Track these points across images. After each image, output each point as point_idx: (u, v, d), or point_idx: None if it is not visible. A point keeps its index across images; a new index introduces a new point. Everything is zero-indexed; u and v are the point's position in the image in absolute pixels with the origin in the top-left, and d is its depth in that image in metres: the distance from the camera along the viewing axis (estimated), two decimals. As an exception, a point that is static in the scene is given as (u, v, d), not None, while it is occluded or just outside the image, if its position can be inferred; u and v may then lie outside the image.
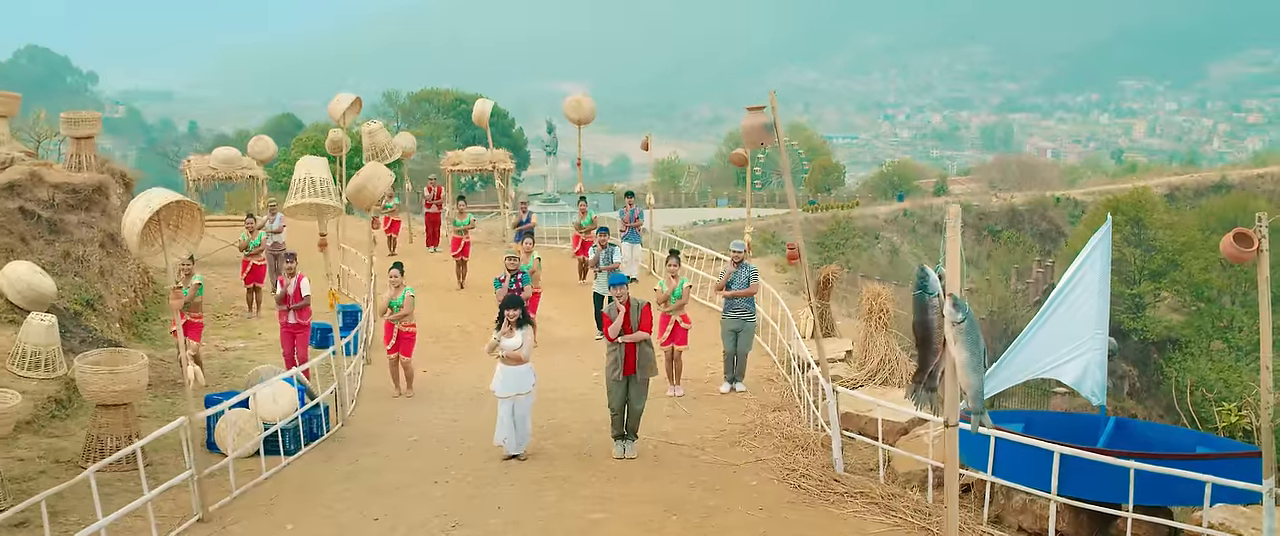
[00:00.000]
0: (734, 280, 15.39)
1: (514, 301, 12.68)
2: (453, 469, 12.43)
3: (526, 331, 12.53)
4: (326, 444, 13.57)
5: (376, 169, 17.44)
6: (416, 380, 16.17)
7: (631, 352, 12.45)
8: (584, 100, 27.13)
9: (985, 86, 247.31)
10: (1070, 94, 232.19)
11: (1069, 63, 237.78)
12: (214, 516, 11.01)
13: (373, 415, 14.91)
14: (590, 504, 11.23)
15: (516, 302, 12.66)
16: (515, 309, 12.53)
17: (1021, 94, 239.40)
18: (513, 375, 12.50)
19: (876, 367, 14.77)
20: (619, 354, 12.46)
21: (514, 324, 12.46)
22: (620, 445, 12.72)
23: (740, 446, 13.14)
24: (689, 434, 13.66)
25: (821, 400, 12.94)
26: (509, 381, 12.47)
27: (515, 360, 12.44)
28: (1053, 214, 68.66)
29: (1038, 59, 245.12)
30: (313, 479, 12.24)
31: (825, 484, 11.68)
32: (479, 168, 32.82)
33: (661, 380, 15.28)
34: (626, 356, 12.44)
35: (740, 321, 15.45)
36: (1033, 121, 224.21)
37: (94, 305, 17.23)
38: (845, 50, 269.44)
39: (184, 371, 12.06)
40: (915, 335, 6.97)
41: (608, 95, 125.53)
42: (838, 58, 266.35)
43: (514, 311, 12.49)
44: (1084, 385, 10.93)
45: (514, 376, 12.49)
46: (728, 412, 14.56)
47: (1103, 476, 9.66)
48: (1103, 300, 10.80)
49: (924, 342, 6.86)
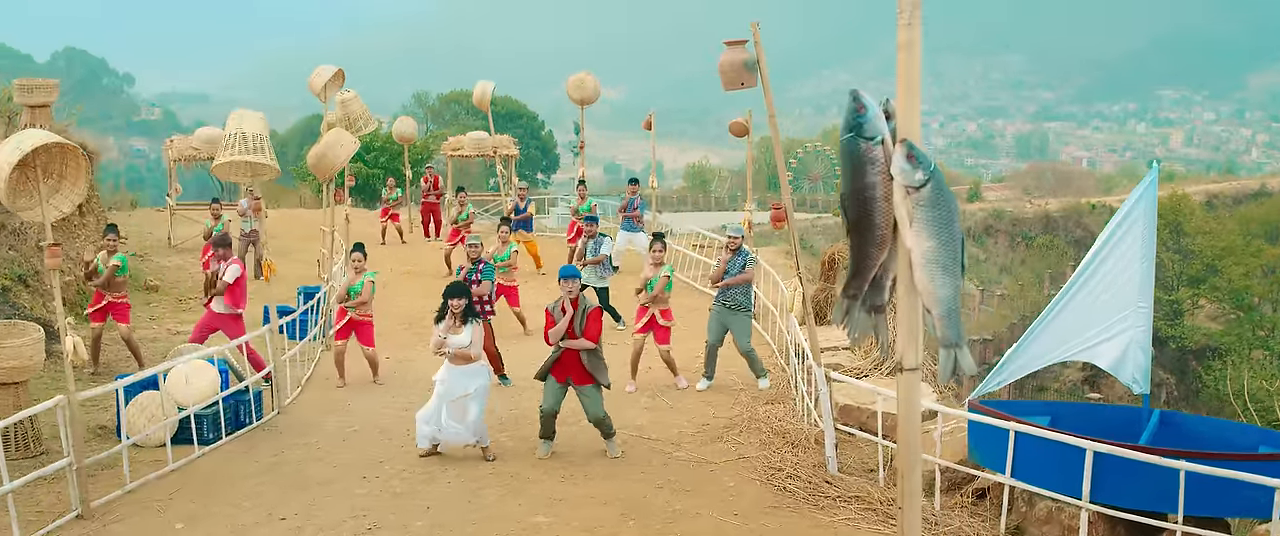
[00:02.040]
0: (729, 268, 13.55)
1: (459, 289, 10.86)
2: (388, 463, 10.80)
3: (475, 326, 10.80)
4: (253, 433, 11.94)
5: (339, 136, 15.83)
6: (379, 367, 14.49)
7: (574, 358, 10.74)
8: (587, 78, 25.44)
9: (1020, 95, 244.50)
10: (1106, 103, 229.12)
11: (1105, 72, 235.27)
12: (96, 513, 9.45)
13: (316, 402, 13.27)
14: (536, 505, 9.57)
15: (462, 291, 10.85)
16: (460, 298, 10.78)
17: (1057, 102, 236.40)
18: (460, 375, 10.74)
19: (882, 357, 13.00)
20: (553, 358, 10.80)
21: (459, 316, 10.75)
22: (546, 445, 11.08)
23: (722, 442, 11.43)
24: (665, 427, 11.97)
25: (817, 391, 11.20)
26: (456, 381, 10.72)
27: (463, 359, 10.73)
28: (1088, 221, 66.84)
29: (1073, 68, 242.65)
30: (225, 472, 10.62)
31: (815, 486, 9.95)
32: (480, 153, 31.16)
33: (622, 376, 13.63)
34: (561, 360, 10.78)
35: (731, 314, 13.56)
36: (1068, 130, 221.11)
37: (28, 281, 15.70)
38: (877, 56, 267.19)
39: (63, 344, 10.46)
40: (846, 214, 4.21)
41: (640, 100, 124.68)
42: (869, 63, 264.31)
43: (459, 301, 10.74)
44: (1123, 370, 9.12)
45: (461, 377, 10.73)
46: (713, 405, 12.84)
47: (1146, 479, 7.94)
48: (1146, 266, 8.97)
49: (860, 226, 4.11)
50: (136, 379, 10.84)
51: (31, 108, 19.22)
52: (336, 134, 15.97)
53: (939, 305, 3.60)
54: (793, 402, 12.64)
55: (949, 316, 3.59)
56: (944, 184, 3.90)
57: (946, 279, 3.59)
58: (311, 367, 14.88)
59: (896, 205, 3.87)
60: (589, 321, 10.68)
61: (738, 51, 9.55)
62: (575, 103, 25.49)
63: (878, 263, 3.90)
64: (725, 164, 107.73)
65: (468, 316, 10.69)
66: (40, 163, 9.48)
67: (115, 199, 35.48)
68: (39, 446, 11.01)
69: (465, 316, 10.67)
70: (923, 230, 3.69)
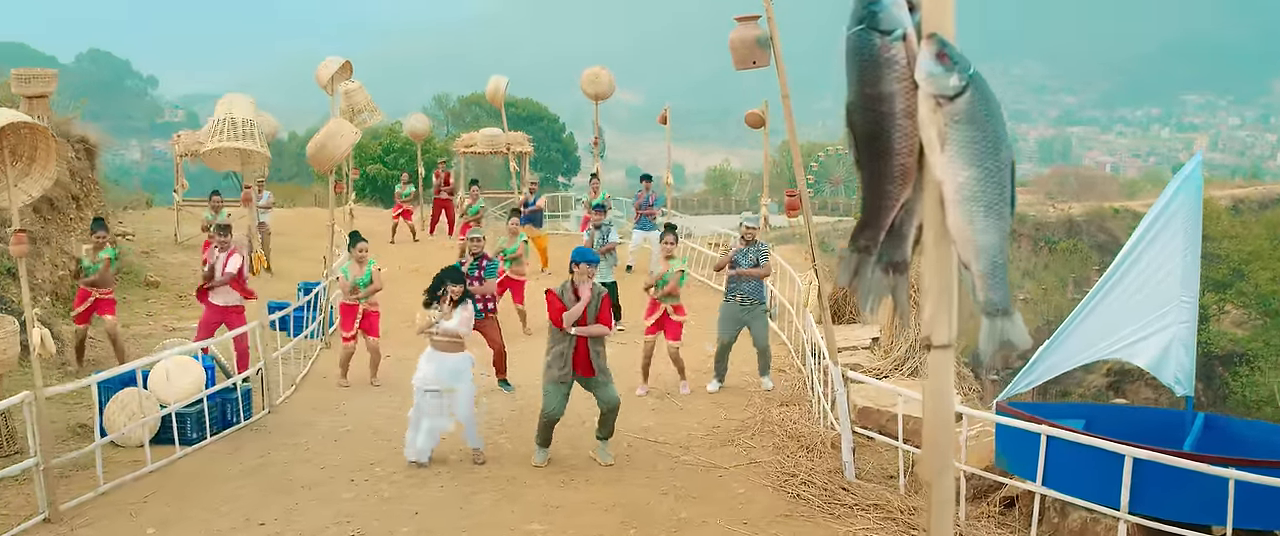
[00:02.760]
0: (739, 260, 12.88)
1: (455, 274, 10.27)
2: (379, 465, 10.20)
3: (464, 310, 10.17)
4: (240, 433, 11.34)
5: (340, 125, 15.25)
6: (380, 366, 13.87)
7: (582, 349, 10.01)
8: (602, 73, 24.76)
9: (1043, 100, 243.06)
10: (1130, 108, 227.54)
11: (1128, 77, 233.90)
12: (65, 515, 8.85)
13: (310, 401, 12.68)
14: (531, 512, 8.94)
15: (459, 276, 10.27)
16: (458, 284, 10.16)
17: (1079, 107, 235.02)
18: (446, 365, 10.13)
19: (904, 356, 12.34)
20: (566, 348, 9.99)
21: (454, 302, 10.13)
22: (542, 452, 10.33)
23: (733, 446, 10.79)
24: (673, 430, 11.33)
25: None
26: (441, 372, 10.09)
27: (451, 344, 10.11)
28: (1111, 225, 66.08)
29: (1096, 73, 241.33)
30: (206, 473, 10.03)
31: (830, 493, 9.29)
32: (494, 149, 30.49)
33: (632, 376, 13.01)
34: (576, 352, 10.02)
35: (746, 311, 12.81)
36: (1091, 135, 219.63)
37: (15, 274, 15.10)
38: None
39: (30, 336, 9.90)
40: (853, 136, 3.06)
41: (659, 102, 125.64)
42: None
43: (457, 287, 10.14)
44: (1164, 369, 8.44)
45: (447, 366, 10.13)
46: (724, 407, 12.20)
47: (1191, 489, 7.26)
48: (1191, 258, 8.29)
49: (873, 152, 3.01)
50: (112, 374, 10.27)
51: (29, 98, 18.68)
52: (337, 123, 15.40)
53: (980, 257, 2.53)
54: (808, 405, 12.00)
55: (993, 273, 2.51)
56: (988, 93, 2.87)
57: (990, 221, 2.54)
58: (308, 365, 14.30)
59: (922, 123, 2.80)
60: (602, 307, 10.05)
61: (749, 27, 8.93)
62: (589, 98, 24.82)
63: (897, 203, 2.83)
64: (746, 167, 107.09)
65: (459, 302, 10.09)
66: (8, 144, 8.89)
67: (131, 198, 35.11)
68: (12, 445, 10.45)
69: (457, 302, 10.07)
70: (958, 156, 2.65)
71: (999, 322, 2.52)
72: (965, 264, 2.46)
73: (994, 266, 2.48)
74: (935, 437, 2.61)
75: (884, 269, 2.82)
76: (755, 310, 12.71)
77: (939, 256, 2.61)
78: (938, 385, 2.66)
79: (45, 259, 15.92)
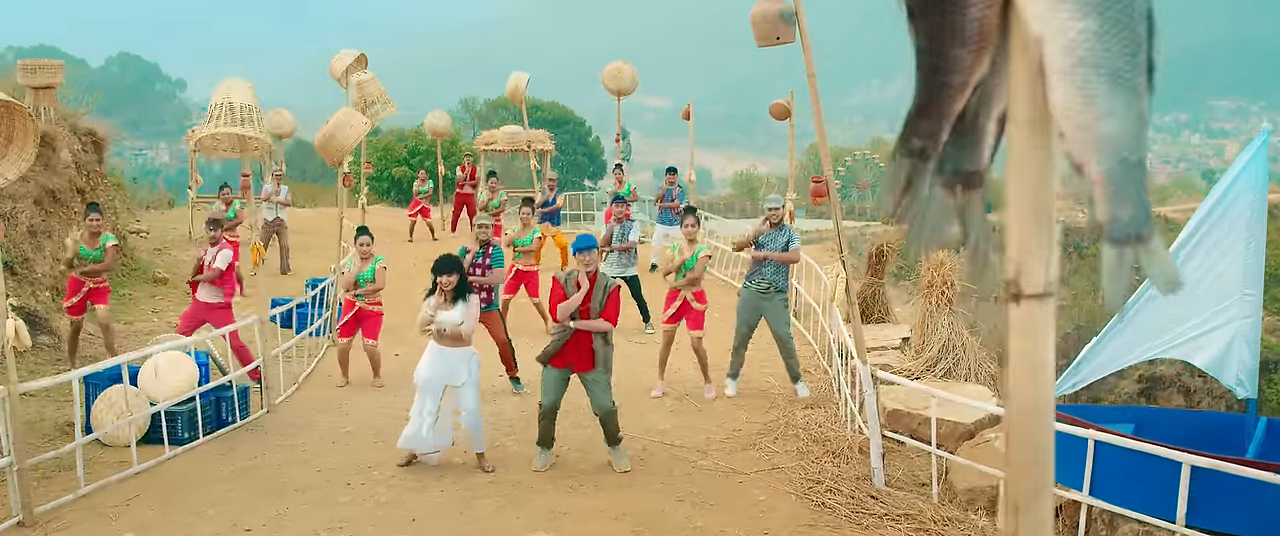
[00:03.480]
0: (764, 242, 12.07)
1: (450, 263, 9.62)
2: (378, 468, 9.61)
3: (469, 304, 9.56)
4: (235, 433, 10.78)
5: (349, 115, 14.66)
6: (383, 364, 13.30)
7: (584, 342, 9.37)
8: (624, 68, 24.16)
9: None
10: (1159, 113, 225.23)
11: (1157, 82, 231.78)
12: (40, 519, 8.32)
13: (311, 401, 12.11)
14: (536, 518, 8.33)
15: (454, 265, 9.62)
16: (451, 274, 9.55)
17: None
18: (447, 360, 9.52)
19: (937, 356, 11.67)
20: (565, 337, 9.38)
21: (449, 294, 9.53)
22: (545, 455, 9.69)
23: (754, 450, 10.14)
24: (691, 433, 10.69)
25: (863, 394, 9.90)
26: (441, 367, 9.50)
27: (455, 340, 9.52)
28: (1142, 231, 65.10)
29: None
30: (195, 475, 9.47)
31: (858, 501, 8.65)
32: (514, 147, 29.88)
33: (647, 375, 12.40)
34: (568, 344, 9.38)
35: (767, 298, 11.98)
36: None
37: (15, 268, 14.64)
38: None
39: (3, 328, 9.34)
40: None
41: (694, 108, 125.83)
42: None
43: (449, 277, 9.53)
44: (1225, 369, 7.77)
45: (449, 362, 9.51)
46: (746, 409, 11.55)
47: (1254, 500, 6.60)
48: (1255, 247, 7.60)
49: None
50: (96, 369, 9.71)
51: (35, 89, 18.26)
52: (346, 113, 14.82)
53: (1102, 153, 1.53)
54: (834, 407, 11.34)
55: (1123, 176, 1.55)
56: None
57: (1117, 97, 1.53)
58: (312, 364, 13.76)
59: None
60: (609, 300, 9.39)
61: (773, 1, 8.30)
62: (612, 93, 24.22)
63: (969, 80, 1.72)
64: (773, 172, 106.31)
65: (460, 294, 9.49)
66: (-19, 123, 8.34)
67: (153, 197, 34.79)
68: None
69: (457, 295, 9.48)
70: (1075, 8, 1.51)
71: (1130, 252, 1.61)
72: (1077, 165, 1.41)
73: (1124, 167, 1.52)
74: (1030, 437, 1.65)
75: (948, 184, 1.81)
76: (776, 299, 11.99)
77: (1033, 160, 1.61)
78: (1032, 357, 1.61)
79: (46, 252, 15.43)
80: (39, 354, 13.33)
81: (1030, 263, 1.56)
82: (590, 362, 9.35)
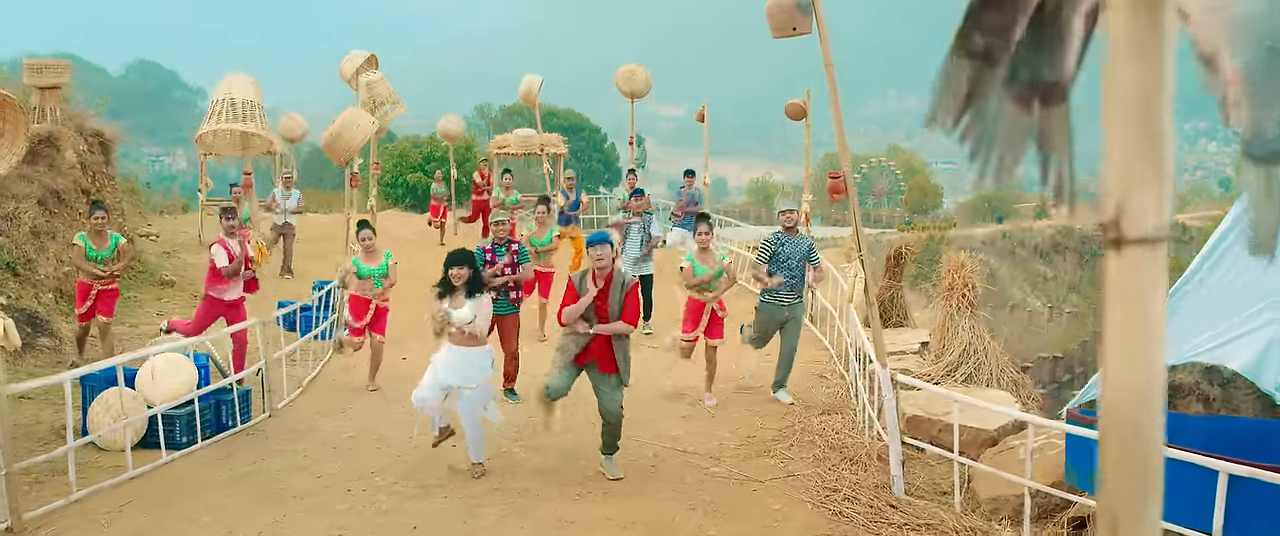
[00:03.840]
0: (790, 252, 11.58)
1: (461, 257, 9.27)
2: (380, 474, 9.31)
3: (482, 301, 9.22)
4: (235, 438, 10.48)
5: (356, 114, 14.37)
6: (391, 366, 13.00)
7: (606, 341, 9.00)
8: (638, 70, 23.83)
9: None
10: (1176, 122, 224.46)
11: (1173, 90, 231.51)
12: (29, 525, 8.02)
13: (315, 405, 11.80)
14: (541, 527, 8.01)
15: (465, 258, 9.27)
16: (463, 267, 9.22)
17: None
18: (462, 360, 9.16)
19: (957, 360, 11.30)
20: (575, 344, 9.02)
21: (463, 289, 9.21)
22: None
23: (769, 457, 9.80)
24: (704, 439, 10.36)
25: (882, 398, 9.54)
26: (455, 367, 9.16)
27: (471, 339, 9.19)
28: (1160, 238, 64.46)
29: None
30: (192, 481, 9.17)
31: (876, 510, 8.30)
32: (527, 151, 29.59)
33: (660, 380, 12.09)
34: (589, 347, 9.02)
35: (788, 308, 11.63)
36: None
37: (17, 270, 14.39)
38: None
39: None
40: None
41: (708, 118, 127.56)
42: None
43: (461, 270, 9.20)
44: (1264, 373, 7.40)
45: (462, 362, 9.16)
46: (761, 415, 11.22)
47: (1297, 510, 6.23)
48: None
49: None
50: (91, 370, 9.42)
51: (41, 89, 18.04)
52: (353, 112, 14.54)
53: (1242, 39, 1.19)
54: (852, 413, 11.00)
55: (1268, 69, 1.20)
56: None
57: None
58: (318, 367, 13.45)
59: None
60: (628, 299, 8.98)
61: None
62: (625, 96, 23.88)
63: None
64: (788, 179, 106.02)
65: (472, 290, 9.16)
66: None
67: (167, 202, 34.70)
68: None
69: (469, 291, 9.15)
70: None
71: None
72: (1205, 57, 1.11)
73: (1269, 58, 1.13)
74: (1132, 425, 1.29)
75: (1022, 96, 1.40)
76: (796, 307, 11.66)
77: (1141, 58, 1.23)
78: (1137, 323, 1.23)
79: (49, 253, 15.17)
80: (38, 356, 13.06)
81: (1136, 198, 1.17)
82: (612, 364, 8.99)
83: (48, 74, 18.10)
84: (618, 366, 9.00)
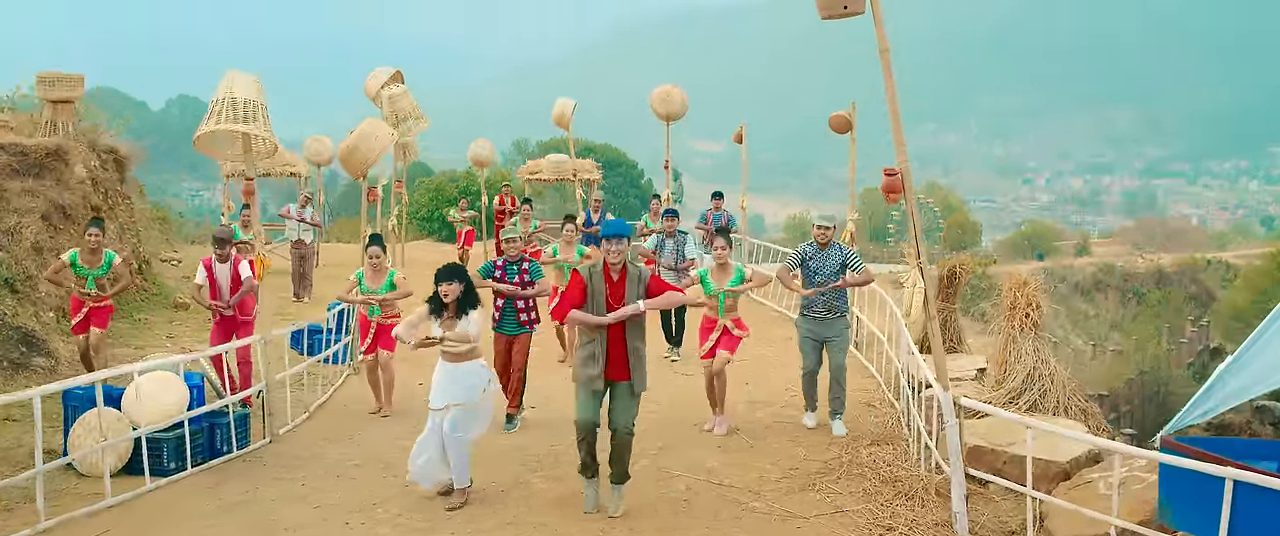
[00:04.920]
0: (820, 267, 10.73)
1: (454, 272, 8.41)
2: (383, 505, 8.42)
3: (476, 317, 8.36)
4: (230, 464, 9.60)
5: (374, 126, 13.65)
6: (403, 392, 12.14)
7: (617, 346, 8.04)
8: (674, 92, 22.92)
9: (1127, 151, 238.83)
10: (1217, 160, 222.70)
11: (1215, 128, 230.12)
12: (-12, 560, 7.17)
13: (322, 431, 10.88)
14: (559, 566, 7.09)
15: (458, 273, 8.41)
16: (456, 283, 8.35)
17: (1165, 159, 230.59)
18: (452, 376, 8.38)
19: (1020, 387, 10.28)
20: (597, 347, 7.98)
21: (454, 309, 8.36)
22: (592, 488, 8.35)
23: (814, 491, 8.83)
24: (742, 472, 9.39)
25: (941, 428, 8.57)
26: (445, 384, 8.39)
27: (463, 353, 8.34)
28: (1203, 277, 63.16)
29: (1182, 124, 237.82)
30: (177, 510, 8.31)
31: (939, 552, 7.34)
32: (559, 176, 28.82)
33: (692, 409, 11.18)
34: (609, 349, 8.01)
35: (826, 326, 10.70)
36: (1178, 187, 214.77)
37: (15, 286, 13.63)
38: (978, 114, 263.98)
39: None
40: None
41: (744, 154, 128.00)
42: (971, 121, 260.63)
43: (452, 286, 8.33)
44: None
45: (452, 378, 8.37)
46: (804, 445, 10.23)
47: None
48: None
49: None
50: (66, 386, 8.57)
51: (53, 103, 17.40)
52: (370, 124, 13.80)
53: None
54: (904, 444, 10.00)
55: None
56: None
57: None
58: (328, 392, 12.56)
59: None
60: (650, 288, 8.02)
61: (841, -34, 7.10)
62: (660, 118, 22.97)
63: None
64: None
65: (464, 307, 8.30)
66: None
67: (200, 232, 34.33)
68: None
69: (462, 307, 8.30)
70: None
71: None
72: None
73: None
74: None
75: None
76: (837, 324, 10.71)
77: None
78: None
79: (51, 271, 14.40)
80: (32, 376, 12.25)
81: None
82: (624, 369, 8.03)
83: (60, 87, 17.46)
84: (630, 372, 8.02)
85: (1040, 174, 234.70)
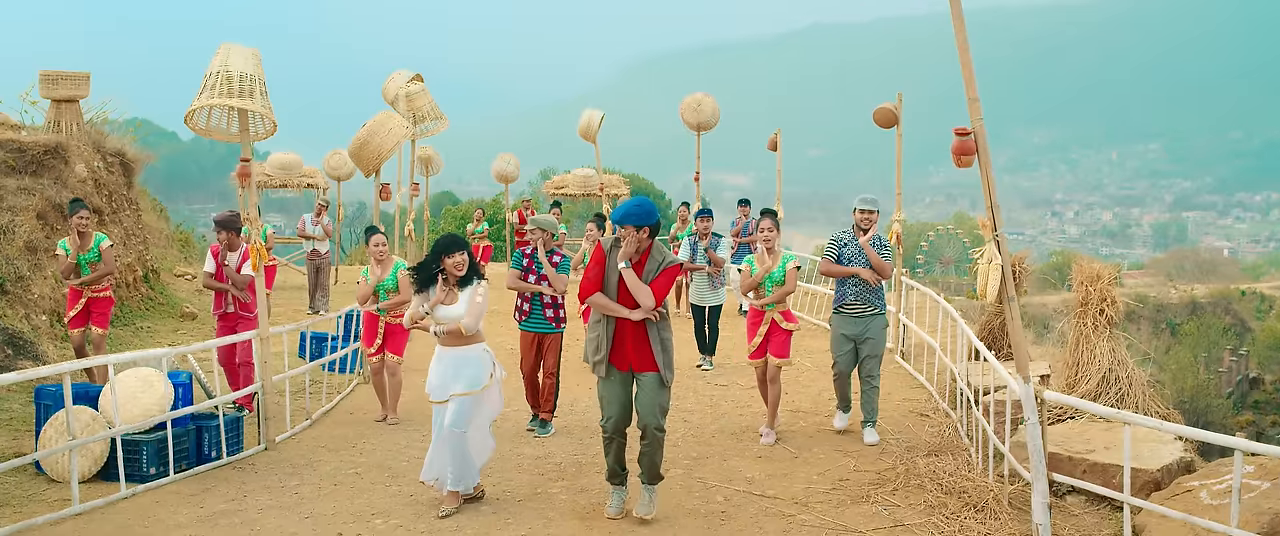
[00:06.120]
0: (852, 257, 9.81)
1: (454, 242, 7.54)
2: (381, 516, 7.46)
3: (476, 291, 7.48)
4: (217, 471, 8.65)
5: (387, 118, 12.78)
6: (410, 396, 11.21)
7: (639, 332, 7.13)
8: (706, 100, 22.09)
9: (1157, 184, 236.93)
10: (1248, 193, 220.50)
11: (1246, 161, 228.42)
12: (-71, 571, 6.25)
13: (323, 438, 9.91)
14: (580, 582, 6.12)
15: (459, 243, 7.53)
16: (457, 252, 7.47)
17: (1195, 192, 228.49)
18: (452, 363, 7.49)
19: (1095, 390, 9.24)
20: (603, 330, 7.16)
21: (455, 281, 7.45)
22: (619, 495, 7.47)
23: (868, 504, 7.82)
24: (787, 482, 8.40)
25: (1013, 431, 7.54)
26: (446, 373, 7.51)
27: (458, 338, 7.45)
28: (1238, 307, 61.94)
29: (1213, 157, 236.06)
30: (150, 520, 7.36)
31: (1020, 570, 6.32)
32: (586, 191, 27.99)
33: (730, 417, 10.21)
34: (617, 337, 7.16)
35: (861, 322, 9.76)
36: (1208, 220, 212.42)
37: (5, 287, 12.79)
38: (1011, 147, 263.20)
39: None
40: None
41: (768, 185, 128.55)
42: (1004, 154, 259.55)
43: (458, 257, 7.45)
44: None
45: (454, 365, 7.48)
46: (853, 455, 9.22)
47: None
48: None
49: None
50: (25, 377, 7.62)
51: (57, 102, 16.61)
52: (383, 117, 12.92)
53: None
54: (966, 454, 8.97)
55: None
56: None
57: None
58: (335, 400, 11.61)
59: None
60: (662, 274, 7.12)
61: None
62: (691, 128, 22.10)
63: None
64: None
65: (468, 280, 7.38)
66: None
67: (217, 247, 33.47)
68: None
69: (465, 281, 7.37)
70: None
71: None
72: None
73: None
74: None
75: None
76: (873, 324, 9.75)
77: None
78: None
79: (46, 272, 13.58)
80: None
81: None
82: (649, 359, 7.10)
83: (64, 86, 16.68)
84: (656, 362, 7.10)
85: (1069, 206, 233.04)
